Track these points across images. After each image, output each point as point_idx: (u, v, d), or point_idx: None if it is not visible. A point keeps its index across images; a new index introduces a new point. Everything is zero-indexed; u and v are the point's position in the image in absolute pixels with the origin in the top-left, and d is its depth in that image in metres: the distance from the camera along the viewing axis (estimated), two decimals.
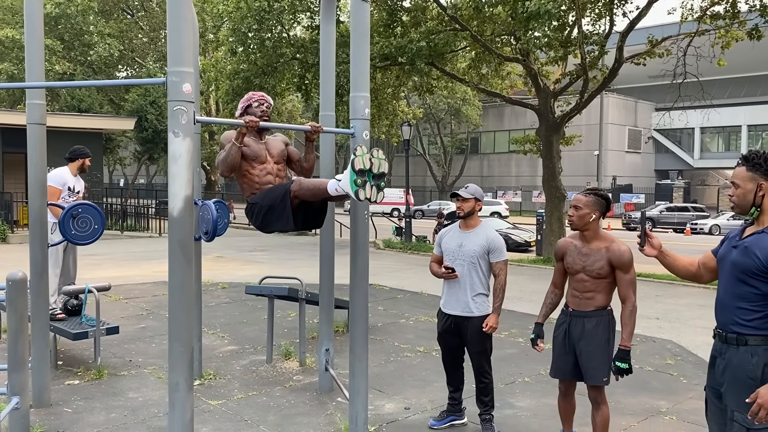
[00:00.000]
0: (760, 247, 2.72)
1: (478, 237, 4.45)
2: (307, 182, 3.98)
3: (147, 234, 21.49)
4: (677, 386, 5.84)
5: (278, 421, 4.78)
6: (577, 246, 3.88)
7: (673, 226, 31.40)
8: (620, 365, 3.72)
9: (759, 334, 2.73)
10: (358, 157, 3.70)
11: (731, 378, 2.79)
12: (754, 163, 2.78)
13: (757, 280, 2.72)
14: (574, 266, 3.87)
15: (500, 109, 47.00)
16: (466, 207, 4.46)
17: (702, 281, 3.14)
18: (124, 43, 30.66)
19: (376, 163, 3.77)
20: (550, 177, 15.79)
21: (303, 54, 17.34)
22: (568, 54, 14.57)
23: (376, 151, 3.80)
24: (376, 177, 3.78)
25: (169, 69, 3.23)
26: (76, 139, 19.66)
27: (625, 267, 3.76)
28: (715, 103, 20.71)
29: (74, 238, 5.12)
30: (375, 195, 3.77)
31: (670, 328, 8.31)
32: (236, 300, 9.56)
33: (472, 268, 4.42)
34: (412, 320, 8.42)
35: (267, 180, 4.21)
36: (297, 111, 37.35)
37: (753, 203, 2.79)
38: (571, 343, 3.90)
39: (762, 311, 2.73)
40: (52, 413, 4.83)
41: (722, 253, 2.95)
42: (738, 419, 2.74)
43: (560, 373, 3.99)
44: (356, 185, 3.69)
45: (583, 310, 3.86)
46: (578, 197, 3.85)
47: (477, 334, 4.42)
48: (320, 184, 3.90)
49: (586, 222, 3.80)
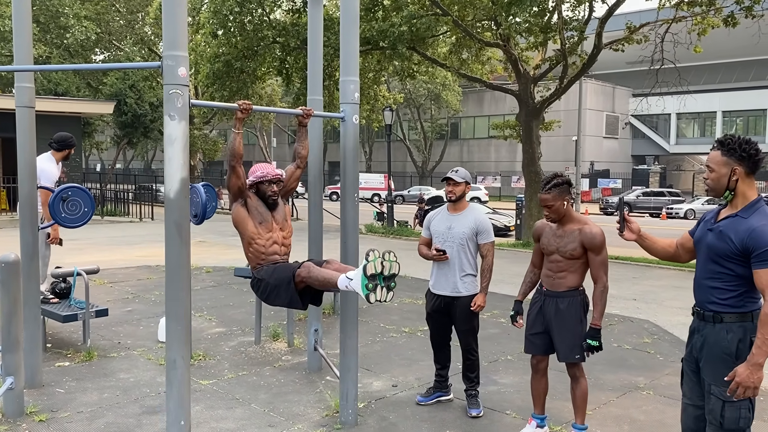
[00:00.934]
0: (734, 231, 2.81)
1: (466, 219, 4.58)
2: (316, 271, 3.91)
3: (128, 219, 21.36)
4: (654, 363, 6.06)
5: (269, 399, 4.89)
6: (552, 228, 4.04)
7: (649, 211, 31.93)
8: (591, 343, 3.89)
9: (734, 311, 2.87)
10: (370, 263, 3.63)
11: (708, 353, 2.94)
12: (729, 148, 2.85)
13: (731, 262, 2.84)
14: (549, 247, 4.02)
15: (480, 94, 47.16)
16: (457, 191, 4.57)
17: (681, 261, 3.25)
18: (101, 26, 30.16)
19: (387, 265, 3.70)
20: (529, 162, 15.99)
21: (284, 37, 17.28)
22: (547, 39, 14.73)
23: (388, 254, 3.72)
24: (387, 279, 3.73)
25: (164, 53, 3.28)
26: (54, 123, 19.39)
27: (596, 248, 3.89)
28: (691, 89, 21.03)
29: (64, 221, 5.15)
30: (385, 295, 3.73)
31: (647, 309, 8.55)
32: (221, 284, 9.62)
33: (461, 249, 4.54)
34: (396, 302, 8.56)
35: (273, 250, 4.19)
36: (276, 95, 37.13)
37: (727, 187, 2.86)
38: (545, 321, 4.05)
39: (736, 290, 2.85)
40: (44, 394, 4.89)
41: (698, 236, 3.06)
42: (715, 392, 2.89)
43: (532, 349, 4.15)
44: (368, 289, 3.65)
45: (556, 290, 4.01)
46: (544, 197, 3.93)
47: (465, 313, 4.55)
48: (330, 278, 3.84)
49: (561, 213, 3.95)
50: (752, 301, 2.86)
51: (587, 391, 4.11)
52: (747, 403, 2.84)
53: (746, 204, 2.85)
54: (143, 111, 25.84)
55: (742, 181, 2.85)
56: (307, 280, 3.94)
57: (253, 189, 4.27)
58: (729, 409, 2.84)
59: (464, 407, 4.72)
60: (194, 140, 31.85)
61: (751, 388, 2.74)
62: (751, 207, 2.84)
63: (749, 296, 2.85)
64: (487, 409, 4.75)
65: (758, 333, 2.72)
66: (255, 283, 4.24)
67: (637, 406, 4.90)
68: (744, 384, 2.73)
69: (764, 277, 2.71)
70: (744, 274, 2.81)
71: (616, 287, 10.18)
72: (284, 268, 4.09)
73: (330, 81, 16.89)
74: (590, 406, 4.87)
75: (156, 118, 25.92)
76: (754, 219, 2.78)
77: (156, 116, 25.87)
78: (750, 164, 2.84)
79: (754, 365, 2.72)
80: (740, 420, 2.85)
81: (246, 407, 4.73)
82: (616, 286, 10.32)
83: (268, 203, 4.28)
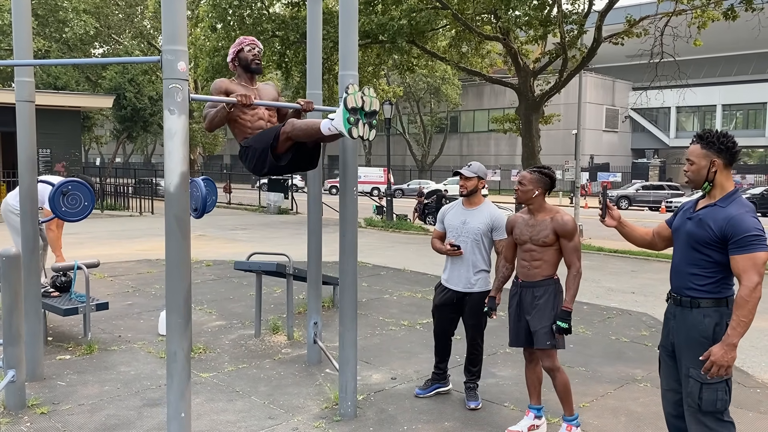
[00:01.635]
0: (713, 219, 2.96)
1: (482, 214, 4.56)
2: (300, 123, 4.00)
3: (127, 213, 21.37)
4: (651, 356, 6.08)
5: (269, 392, 4.93)
6: (525, 219, 4.12)
7: (648, 204, 31.92)
8: (560, 324, 3.93)
9: (710, 297, 3.01)
10: (350, 96, 3.72)
11: (685, 338, 3.07)
12: (708, 141, 3.01)
13: (709, 249, 2.98)
14: (522, 237, 4.09)
15: (480, 88, 47.09)
16: (469, 185, 4.56)
17: (656, 249, 3.44)
18: (99, 20, 30.11)
19: (367, 101, 3.81)
20: (529, 156, 15.99)
21: (284, 31, 17.25)
22: (547, 33, 14.71)
23: (368, 89, 3.84)
24: (368, 115, 3.83)
25: (163, 47, 3.29)
26: (54, 117, 19.44)
27: (568, 235, 3.97)
28: (691, 82, 21.01)
29: (65, 215, 5.17)
30: (368, 132, 3.83)
31: (645, 302, 8.58)
32: (221, 277, 9.65)
33: (475, 245, 4.53)
34: (395, 296, 8.59)
35: (259, 125, 4.24)
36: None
37: (706, 178, 3.02)
38: (523, 312, 4.10)
39: (714, 277, 3.00)
40: (46, 386, 4.92)
41: (677, 224, 3.21)
42: (693, 375, 3.02)
43: (515, 341, 4.19)
44: (349, 123, 3.72)
45: (532, 280, 4.06)
46: (523, 174, 4.11)
47: (475, 309, 4.55)
48: (313, 125, 3.93)
49: (529, 197, 4.04)
50: (727, 288, 3.02)
51: (568, 382, 4.12)
52: (723, 386, 2.98)
53: (724, 194, 3.01)
54: (143, 105, 25.80)
55: (720, 173, 3.01)
56: (292, 135, 3.99)
57: (236, 62, 4.33)
58: (707, 391, 2.97)
59: (463, 399, 4.75)
60: (194, 134, 31.82)
61: (725, 366, 2.89)
62: (729, 197, 3.00)
63: (725, 283, 3.01)
64: (485, 401, 4.78)
65: (733, 315, 2.88)
66: (243, 152, 4.28)
67: (635, 398, 4.94)
68: (718, 362, 2.88)
69: (740, 262, 2.88)
70: (721, 261, 2.96)
71: (615, 280, 10.21)
72: (269, 130, 4.16)
73: (329, 75, 16.87)
74: (587, 398, 4.91)
75: (155, 112, 25.90)
76: (732, 208, 2.94)
77: (155, 110, 25.85)
78: (728, 156, 3.00)
79: (728, 345, 2.87)
80: (717, 402, 2.97)
81: (246, 400, 4.76)
82: (614, 279, 10.35)
83: (252, 68, 4.30)
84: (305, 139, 4.06)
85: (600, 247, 13.97)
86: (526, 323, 4.08)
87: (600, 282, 10.06)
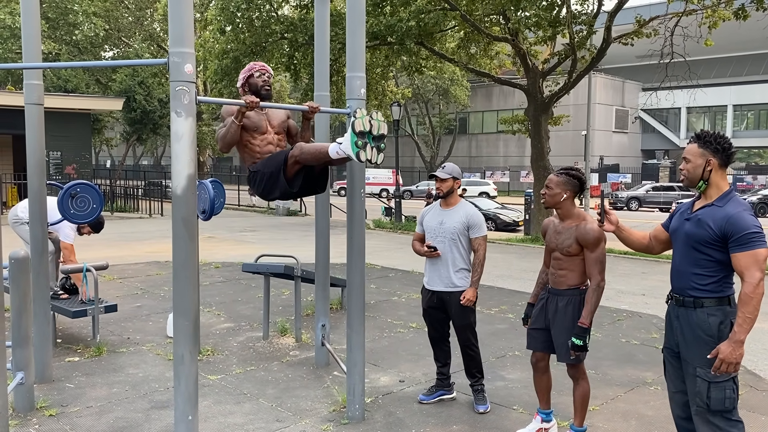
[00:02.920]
0: (712, 218, 3.00)
1: (457, 214, 4.56)
2: (308, 147, 4.03)
3: (137, 215, 21.47)
4: (662, 358, 6.02)
5: (277, 394, 4.92)
6: (555, 224, 3.99)
7: (659, 206, 31.72)
8: (575, 341, 3.76)
9: (713, 296, 3.04)
10: (358, 119, 3.76)
11: (691, 338, 3.08)
12: (705, 141, 3.06)
13: (710, 248, 3.01)
14: (550, 244, 3.99)
15: (489, 89, 47.00)
16: (444, 187, 4.57)
17: (654, 252, 3.47)
18: (109, 23, 30.29)
19: (375, 124, 3.84)
20: (538, 157, 15.92)
21: (292, 33, 17.27)
22: (556, 34, 14.64)
23: (375, 113, 3.87)
24: (376, 138, 3.86)
25: (170, 50, 3.29)
26: (64, 120, 19.57)
27: (590, 245, 3.80)
28: (702, 82, 20.87)
29: (73, 217, 5.18)
30: (375, 156, 3.84)
31: (656, 304, 8.51)
32: (230, 279, 9.66)
33: (452, 244, 4.53)
34: (404, 298, 8.57)
35: (268, 150, 4.25)
36: (285, 91, 37.19)
37: (702, 177, 3.07)
38: (546, 318, 4.00)
39: (716, 276, 3.03)
40: (54, 388, 4.93)
41: (674, 226, 3.23)
42: (700, 374, 3.02)
43: (533, 344, 4.09)
44: (357, 147, 3.75)
45: (558, 288, 3.93)
46: (551, 177, 3.97)
47: (461, 308, 4.53)
48: (321, 148, 3.95)
49: (557, 201, 3.90)
50: (729, 286, 3.05)
51: (588, 393, 4.02)
52: (731, 383, 2.99)
53: (720, 194, 3.05)
54: (152, 107, 25.94)
55: (715, 172, 3.06)
56: (300, 159, 4.00)
57: (246, 87, 4.34)
58: (714, 390, 2.98)
59: (471, 403, 4.73)
60: (203, 136, 31.95)
61: (734, 363, 2.90)
62: (725, 197, 3.04)
63: (726, 282, 3.04)
64: (494, 404, 4.75)
65: (739, 312, 2.90)
66: (251, 177, 4.29)
67: (645, 402, 4.89)
68: (727, 360, 2.89)
69: (742, 260, 2.91)
70: (722, 260, 3.00)
71: (625, 282, 10.15)
72: (277, 155, 4.16)
73: (338, 76, 16.88)
74: (598, 401, 4.87)
75: (165, 114, 26.02)
76: (730, 206, 2.98)
77: (165, 112, 25.97)
78: (723, 157, 3.05)
79: (736, 342, 2.89)
80: (726, 400, 2.98)
81: (254, 402, 4.76)
82: (625, 281, 10.29)
83: (262, 95, 4.31)
84: (313, 163, 4.07)
85: (610, 249, 13.89)
86: (548, 330, 3.99)
87: (610, 284, 10.00)
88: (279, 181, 4.08)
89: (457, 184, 4.60)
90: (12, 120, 8.65)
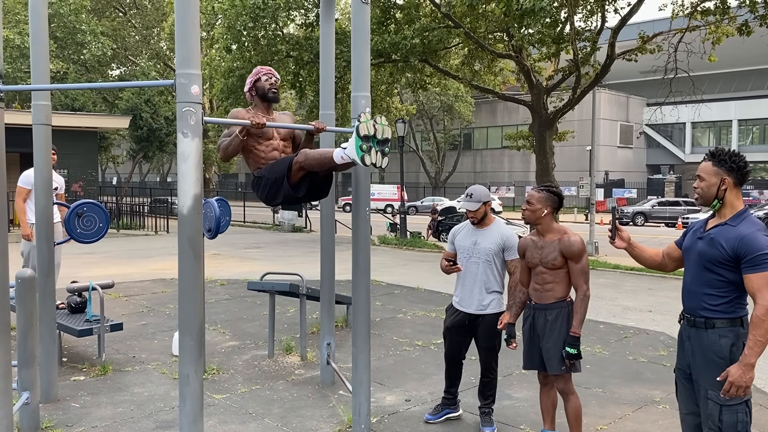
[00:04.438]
0: (725, 238, 2.95)
1: (492, 235, 4.50)
2: (312, 152, 4.03)
3: (143, 232, 21.52)
4: (670, 376, 5.93)
5: (282, 414, 4.89)
6: (535, 241, 4.03)
7: (664, 221, 31.63)
8: (569, 350, 3.83)
9: (725, 317, 2.98)
10: (362, 123, 3.76)
11: (702, 359, 3.03)
12: (720, 159, 3.01)
13: (722, 268, 2.96)
14: (533, 260, 4.01)
15: (493, 105, 47.14)
16: (477, 215, 4.50)
17: (667, 270, 3.41)
18: (117, 42, 30.59)
19: (380, 129, 3.84)
20: (543, 172, 15.94)
21: (298, 51, 17.41)
22: (560, 50, 14.70)
23: (379, 118, 3.87)
24: (381, 143, 3.86)
25: (177, 71, 3.32)
26: (72, 138, 19.70)
27: (575, 257, 3.88)
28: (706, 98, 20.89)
29: (80, 236, 5.20)
30: (380, 160, 3.84)
31: (663, 320, 8.46)
32: (235, 296, 9.65)
33: (487, 266, 4.47)
34: (409, 315, 8.54)
35: (273, 155, 4.27)
36: (291, 108, 37.35)
37: (716, 196, 3.01)
38: (536, 335, 4.01)
39: (727, 296, 2.97)
40: (60, 408, 4.92)
41: (687, 244, 3.18)
42: (712, 397, 2.97)
43: (529, 364, 4.10)
44: (362, 151, 3.75)
45: (544, 302, 3.97)
46: (531, 193, 4.02)
47: (489, 331, 4.48)
48: (326, 153, 3.95)
49: (537, 216, 3.96)
50: (741, 307, 2.99)
51: (580, 408, 4.02)
52: (744, 407, 2.93)
53: (734, 213, 3.00)
54: (158, 125, 26.09)
55: (730, 191, 3.00)
56: (305, 164, 4.00)
57: (253, 92, 4.35)
58: (727, 413, 2.93)
59: (477, 423, 4.69)
60: (209, 154, 32.09)
61: (743, 387, 2.85)
62: (739, 216, 2.99)
63: (739, 302, 2.98)
64: (500, 423, 4.71)
65: (750, 334, 2.84)
66: (255, 182, 4.29)
67: (653, 421, 4.84)
68: (737, 383, 2.85)
69: (755, 281, 2.85)
70: (734, 280, 2.94)
71: (632, 298, 10.09)
72: (282, 161, 4.17)
73: (343, 93, 16.98)
74: (605, 420, 4.82)
75: (171, 132, 26.17)
76: (744, 227, 2.93)
77: (171, 130, 26.12)
78: (738, 175, 3.00)
79: (746, 365, 2.84)
80: (738, 424, 2.93)
81: (259, 422, 4.73)
82: (631, 297, 10.23)
83: (269, 97, 4.32)
84: (318, 169, 4.08)
85: (616, 265, 13.84)
86: (539, 346, 4.01)
87: (616, 300, 9.95)
88: (283, 187, 4.09)
89: (489, 206, 4.55)
90: (19, 138, 8.72)
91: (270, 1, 16.20)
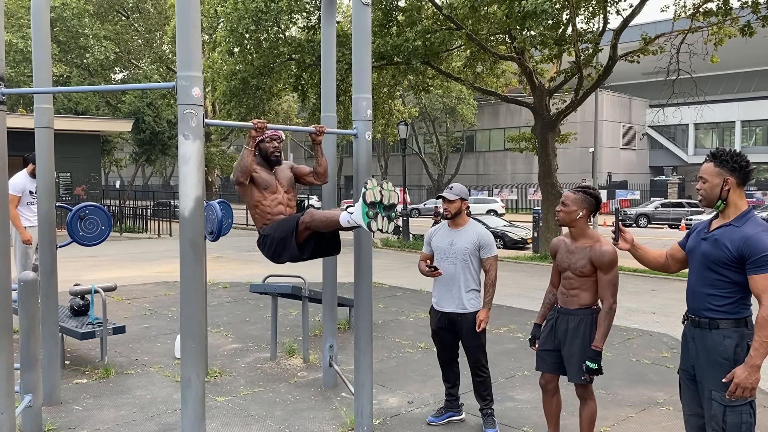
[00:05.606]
0: (729, 239, 2.94)
1: (468, 234, 4.52)
2: (318, 214, 4.06)
3: (146, 235, 21.55)
4: (673, 378, 5.92)
5: (285, 416, 4.89)
6: (567, 243, 3.94)
7: (668, 222, 31.56)
8: (590, 365, 3.73)
9: (729, 318, 2.97)
10: (368, 190, 3.78)
11: (706, 360, 3.02)
12: (722, 160, 3.00)
13: (726, 269, 2.95)
14: (562, 264, 3.93)
15: (495, 107, 47.12)
16: (452, 208, 4.52)
17: (670, 271, 3.39)
18: (119, 45, 30.66)
19: (386, 194, 3.87)
20: (545, 174, 15.91)
21: (300, 54, 17.43)
22: (562, 52, 14.69)
23: (386, 183, 3.91)
24: (387, 208, 3.88)
25: (179, 73, 3.33)
26: (75, 142, 19.75)
27: (605, 267, 3.76)
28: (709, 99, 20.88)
29: (82, 239, 5.21)
30: (386, 226, 3.87)
31: (666, 322, 8.44)
32: (238, 299, 9.66)
33: (464, 265, 4.48)
34: (412, 317, 8.54)
35: (278, 210, 4.29)
36: (293, 111, 37.42)
37: (719, 197, 3.00)
38: (556, 339, 3.95)
39: (732, 297, 2.96)
40: (62, 411, 4.92)
41: (691, 245, 3.17)
42: (716, 398, 2.96)
43: (542, 365, 4.03)
44: (368, 217, 3.78)
45: (569, 307, 3.88)
46: (567, 194, 3.91)
47: (472, 330, 4.49)
48: (332, 216, 3.98)
49: (572, 219, 3.84)
50: (746, 308, 2.99)
51: (595, 414, 3.99)
52: (748, 408, 2.92)
53: (738, 214, 2.99)
54: (161, 128, 26.14)
55: (733, 191, 2.99)
56: (311, 225, 4.04)
57: (256, 151, 4.36)
58: (730, 414, 2.92)
59: (480, 425, 4.68)
60: (211, 156, 32.14)
61: (749, 388, 2.84)
62: (743, 216, 2.97)
63: (743, 303, 2.97)
64: (503, 425, 4.70)
65: (755, 336, 2.83)
66: (261, 241, 4.32)
67: (657, 422, 4.83)
68: (742, 385, 2.84)
69: (760, 282, 2.84)
70: (739, 281, 2.93)
71: (635, 300, 10.07)
72: (288, 220, 4.20)
73: (345, 96, 16.99)
74: (608, 422, 4.81)
75: (174, 135, 26.21)
76: (748, 227, 2.92)
77: (174, 133, 26.17)
78: (741, 175, 2.99)
79: (752, 366, 2.84)
80: (742, 425, 2.91)
81: (262, 424, 4.73)
82: (635, 299, 10.21)
83: (271, 160, 4.36)
84: (324, 230, 4.11)
85: (620, 266, 13.79)
86: (558, 351, 3.94)
87: (620, 302, 9.85)
88: (289, 246, 4.12)
89: (465, 205, 4.57)
90: (22, 142, 8.74)
91: (272, 4, 16.21)
